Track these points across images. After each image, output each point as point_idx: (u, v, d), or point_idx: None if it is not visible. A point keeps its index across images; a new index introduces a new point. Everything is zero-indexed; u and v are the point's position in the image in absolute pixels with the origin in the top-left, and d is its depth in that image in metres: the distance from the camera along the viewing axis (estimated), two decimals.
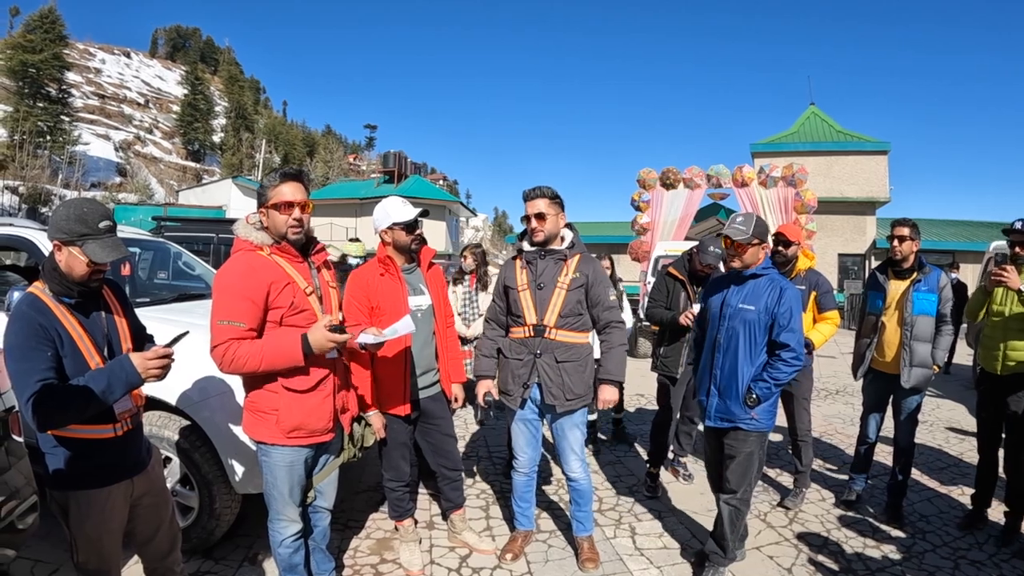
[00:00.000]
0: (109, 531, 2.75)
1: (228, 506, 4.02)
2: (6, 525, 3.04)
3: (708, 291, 4.14)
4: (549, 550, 4.39)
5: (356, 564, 4.19)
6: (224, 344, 2.81)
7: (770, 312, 3.70)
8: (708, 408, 3.94)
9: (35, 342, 2.46)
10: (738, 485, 3.89)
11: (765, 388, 3.72)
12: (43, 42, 52.89)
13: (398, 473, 4.13)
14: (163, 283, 6.48)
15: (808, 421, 5.26)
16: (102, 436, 2.66)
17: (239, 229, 3.06)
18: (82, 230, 2.55)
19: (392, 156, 47.82)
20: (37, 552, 4.02)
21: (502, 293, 4.12)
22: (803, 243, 5.35)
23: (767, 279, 3.80)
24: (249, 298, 2.85)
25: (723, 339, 3.85)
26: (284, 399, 2.99)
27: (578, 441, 4.09)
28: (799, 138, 28.61)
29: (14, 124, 50.15)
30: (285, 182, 2.98)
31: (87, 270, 2.59)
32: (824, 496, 5.39)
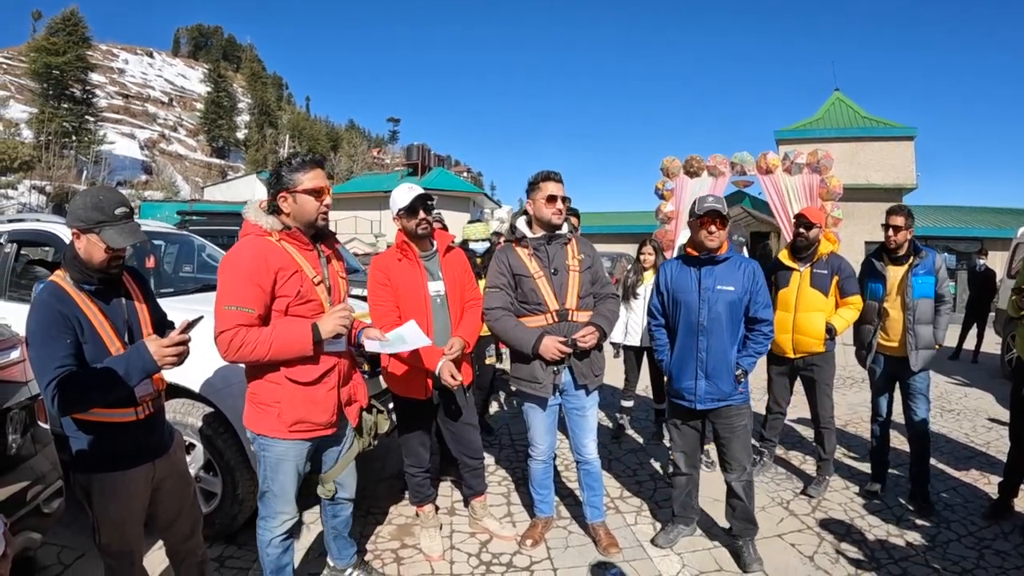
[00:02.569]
0: (131, 514, 2.78)
1: (251, 492, 4.04)
2: (32, 509, 3.10)
3: (669, 276, 4.14)
4: (569, 536, 4.40)
5: (377, 549, 4.23)
6: (231, 330, 2.77)
7: (747, 290, 3.87)
8: (695, 392, 3.96)
9: (55, 330, 2.49)
10: (745, 459, 4.07)
11: (751, 361, 3.97)
12: (66, 44, 53.68)
13: (418, 459, 4.15)
14: (188, 275, 6.56)
15: (831, 408, 5.20)
16: (124, 420, 2.69)
17: (249, 213, 3.03)
18: (99, 217, 2.58)
19: (416, 149, 47.96)
20: (64, 538, 4.09)
21: (510, 282, 4.00)
22: (825, 226, 5.29)
23: (734, 260, 3.95)
24: (257, 283, 2.82)
25: (706, 322, 3.88)
26: (287, 391, 2.96)
27: (595, 420, 4.15)
28: (824, 124, 28.19)
29: (39, 125, 50.90)
30: (313, 168, 2.97)
31: (105, 256, 2.62)
32: (848, 484, 5.33)
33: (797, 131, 27.97)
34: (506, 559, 4.11)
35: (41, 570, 3.88)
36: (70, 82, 55.21)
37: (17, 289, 5.33)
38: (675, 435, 4.27)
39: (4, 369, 3.25)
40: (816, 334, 4.95)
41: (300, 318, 2.93)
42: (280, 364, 2.92)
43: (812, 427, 5.41)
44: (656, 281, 4.25)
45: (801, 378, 5.25)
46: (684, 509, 4.31)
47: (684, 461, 4.26)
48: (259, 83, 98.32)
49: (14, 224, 5.79)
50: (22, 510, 3.08)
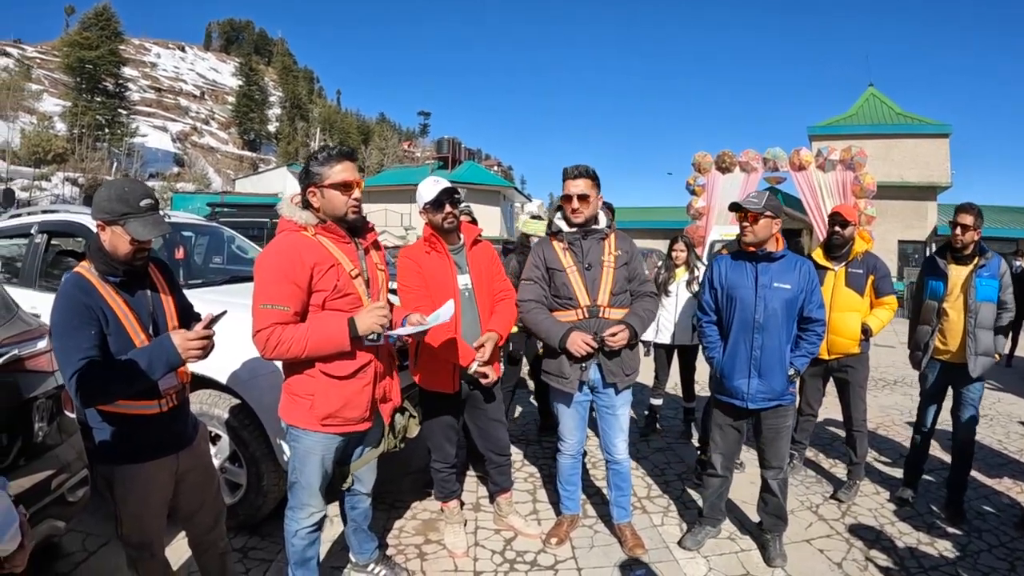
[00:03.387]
0: (153, 505, 2.78)
1: (275, 484, 4.06)
2: (57, 498, 3.11)
3: (723, 272, 4.05)
4: (595, 536, 4.36)
5: (400, 544, 4.21)
6: (268, 329, 2.76)
7: (803, 289, 3.81)
8: (747, 391, 3.89)
9: (78, 320, 2.47)
10: (784, 458, 4.04)
11: (803, 361, 3.94)
12: (99, 39, 54.52)
13: (444, 454, 4.12)
14: (217, 267, 6.59)
15: (864, 411, 5.10)
16: (147, 412, 2.69)
17: (283, 209, 3.02)
18: (123, 209, 2.56)
19: (446, 142, 48.04)
20: (88, 525, 4.11)
21: (544, 275, 4.00)
22: (860, 225, 5.20)
23: (789, 258, 3.89)
24: (293, 281, 2.80)
25: (763, 319, 3.81)
26: (321, 384, 2.94)
27: (627, 420, 4.08)
28: (858, 120, 27.95)
29: (73, 118, 51.72)
30: (340, 161, 2.93)
31: (130, 248, 2.60)
32: (879, 490, 5.23)
33: (830, 127, 27.75)
34: (530, 557, 4.07)
35: (65, 556, 3.90)
36: (103, 76, 56.00)
37: (47, 279, 5.37)
38: (716, 436, 4.18)
39: (32, 359, 3.26)
40: (851, 335, 4.85)
41: (338, 312, 2.90)
42: (318, 358, 2.90)
43: (842, 429, 5.32)
44: (708, 276, 4.16)
45: (834, 379, 5.15)
46: (712, 510, 4.26)
47: (721, 463, 4.18)
48: (290, 77, 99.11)
49: (45, 215, 5.84)
50: (47, 498, 3.08)
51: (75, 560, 3.89)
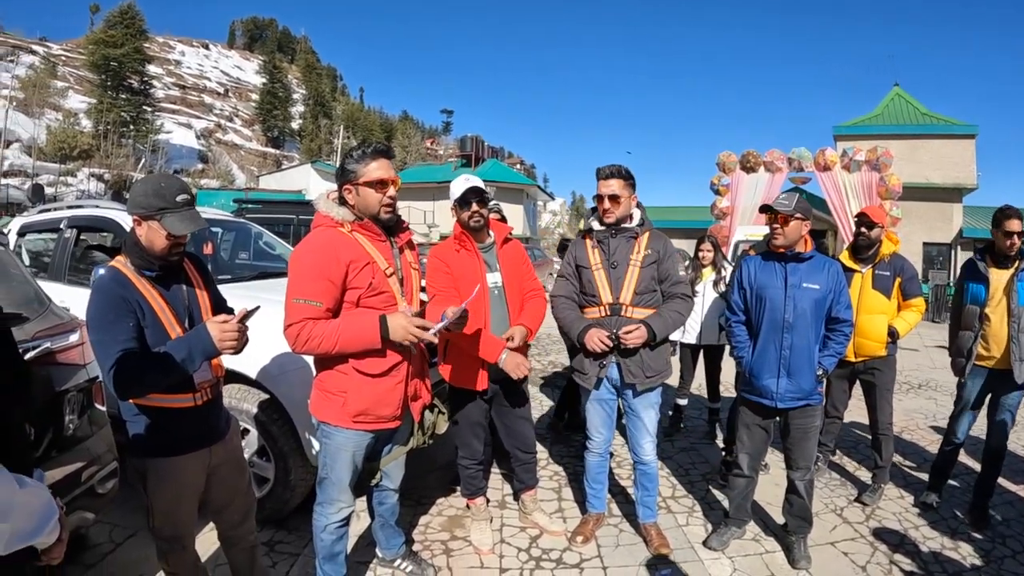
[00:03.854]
0: (185, 498, 2.81)
1: (303, 478, 4.10)
2: (87, 489, 3.15)
3: (752, 272, 4.03)
4: (620, 535, 4.35)
5: (427, 540, 4.22)
6: (299, 323, 2.77)
7: (831, 290, 3.81)
8: (776, 390, 3.88)
9: (115, 314, 2.50)
10: (811, 460, 4.03)
11: (831, 361, 3.94)
12: (124, 37, 54.97)
13: (471, 451, 4.13)
14: (244, 262, 6.64)
15: (890, 414, 5.06)
16: (182, 406, 2.70)
17: (320, 204, 3.01)
18: (160, 204, 2.58)
19: (469, 140, 48.25)
20: (115, 517, 4.17)
21: (574, 272, 4.05)
22: (887, 226, 5.15)
23: (818, 259, 3.89)
24: (326, 277, 2.80)
25: (792, 318, 3.80)
26: (354, 381, 2.95)
27: (652, 422, 4.04)
28: (883, 121, 27.60)
29: (98, 115, 52.15)
30: (376, 159, 2.92)
31: (167, 243, 2.62)
32: (903, 494, 5.18)
33: (856, 127, 27.45)
34: (556, 555, 4.07)
35: (92, 547, 3.95)
36: (128, 73, 56.37)
37: (76, 273, 5.45)
38: (744, 435, 4.17)
39: (63, 352, 3.29)
40: (878, 337, 4.81)
41: (370, 310, 2.90)
42: (349, 355, 2.90)
43: (867, 432, 5.29)
44: (738, 277, 4.15)
45: (861, 382, 5.12)
46: (738, 511, 4.25)
47: (748, 463, 4.17)
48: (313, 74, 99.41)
49: (74, 210, 5.90)
50: (77, 490, 3.12)
51: (102, 551, 3.93)
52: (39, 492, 1.53)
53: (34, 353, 3.12)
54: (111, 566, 3.80)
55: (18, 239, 6.13)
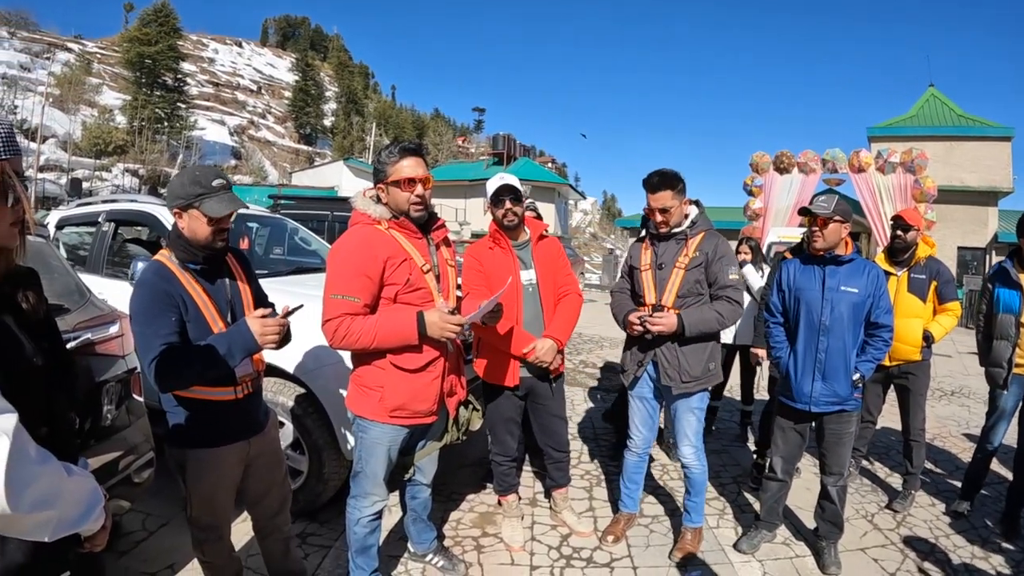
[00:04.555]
0: (223, 489, 2.84)
1: (336, 472, 4.13)
2: (123, 478, 3.19)
3: (791, 274, 4.00)
4: (651, 535, 4.34)
5: (458, 536, 4.24)
6: (337, 319, 2.80)
7: (871, 294, 3.75)
8: (811, 394, 3.84)
9: (158, 308, 2.53)
10: (845, 465, 3.98)
11: (869, 367, 3.85)
12: (158, 35, 55.72)
13: (504, 448, 4.13)
14: (279, 257, 6.69)
15: (923, 420, 5.01)
16: (223, 398, 2.74)
17: (357, 202, 3.04)
18: (197, 190, 2.62)
19: (501, 138, 48.25)
20: (149, 506, 4.23)
21: (627, 273, 4.09)
22: (923, 229, 5.10)
23: (858, 262, 3.83)
24: (364, 273, 2.84)
25: (829, 321, 3.76)
26: (391, 377, 2.97)
27: (692, 427, 3.97)
28: (917, 122, 27.15)
29: (133, 112, 52.85)
30: (405, 157, 2.93)
31: (210, 229, 2.65)
32: (934, 501, 5.13)
33: (890, 128, 27.04)
34: (586, 554, 4.07)
35: (126, 535, 4.01)
36: (162, 71, 57.11)
37: (113, 266, 5.52)
38: (779, 438, 4.13)
39: (103, 343, 3.34)
40: (913, 341, 4.77)
41: (408, 306, 2.93)
42: (387, 350, 2.93)
43: (899, 437, 5.23)
44: (777, 278, 4.11)
45: (895, 387, 5.07)
46: (770, 514, 4.21)
47: (782, 467, 4.13)
48: (346, 72, 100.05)
49: (111, 204, 5.97)
50: (114, 479, 3.17)
51: (135, 539, 4.00)
52: (85, 480, 1.55)
53: (75, 344, 3.17)
54: (144, 553, 3.85)
55: (56, 232, 6.21)
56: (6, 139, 1.44)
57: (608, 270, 34.42)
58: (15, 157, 1.47)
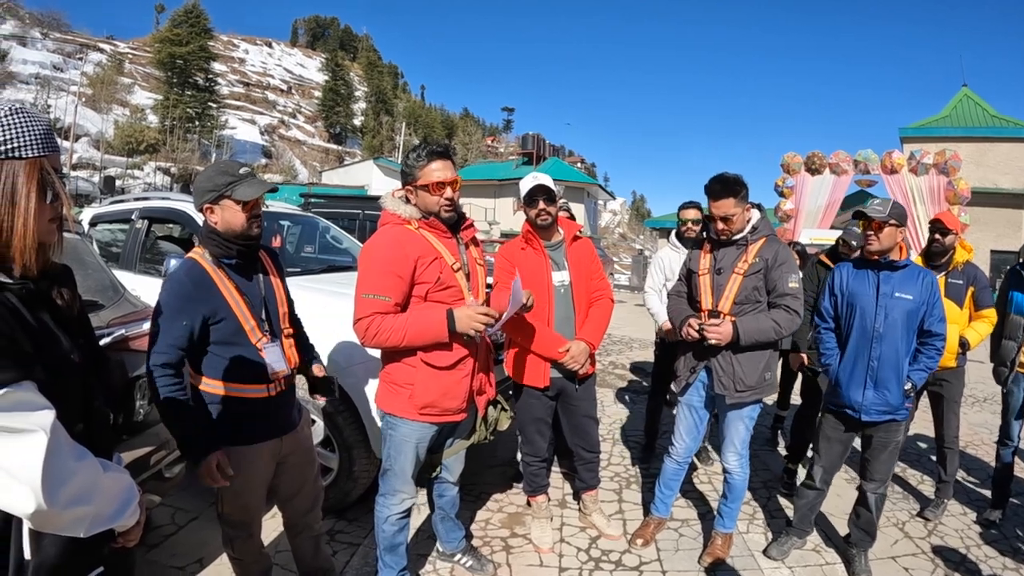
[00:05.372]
0: (254, 487, 2.86)
1: (366, 470, 4.14)
2: (154, 473, 3.21)
3: (844, 279, 3.91)
4: (680, 539, 4.31)
5: (487, 536, 4.23)
6: (368, 318, 2.82)
7: (925, 302, 3.65)
8: (861, 402, 3.75)
9: (177, 311, 2.56)
10: (887, 474, 3.90)
11: (921, 376, 3.75)
12: (189, 35, 56.64)
13: (534, 448, 4.12)
14: (309, 256, 6.72)
15: (957, 427, 4.93)
16: (255, 396, 2.75)
17: (387, 202, 3.06)
18: (227, 179, 2.64)
19: (530, 138, 48.49)
20: (179, 500, 4.27)
21: (685, 276, 4.04)
22: (960, 233, 5.02)
23: (912, 268, 3.73)
24: (395, 272, 2.85)
25: (882, 328, 3.67)
26: (421, 374, 2.98)
27: (740, 435, 3.91)
28: (950, 123, 26.66)
29: (164, 111, 53.66)
30: (433, 160, 2.93)
31: (244, 216, 2.67)
32: (965, 510, 5.04)
33: (922, 129, 26.59)
34: (615, 557, 4.05)
35: (155, 528, 4.04)
36: (193, 71, 57.98)
37: (146, 263, 5.58)
38: (822, 446, 4.05)
39: (136, 339, 3.36)
40: (949, 348, 4.64)
41: (438, 304, 2.94)
42: (417, 348, 2.94)
43: (930, 444, 5.15)
44: (830, 283, 4.03)
45: (928, 393, 4.99)
46: (802, 521, 4.16)
47: (821, 476, 4.06)
48: (375, 72, 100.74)
49: (145, 202, 6.03)
50: (145, 474, 3.17)
51: (164, 532, 4.03)
52: (121, 477, 1.56)
53: (109, 340, 3.21)
54: (173, 547, 3.89)
55: (88, 229, 6.27)
56: (44, 136, 1.46)
57: (637, 271, 34.32)
58: (53, 154, 1.49)
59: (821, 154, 15.47)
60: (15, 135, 1.41)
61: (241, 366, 2.69)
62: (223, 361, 2.68)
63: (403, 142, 62.37)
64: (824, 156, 15.45)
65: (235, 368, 2.69)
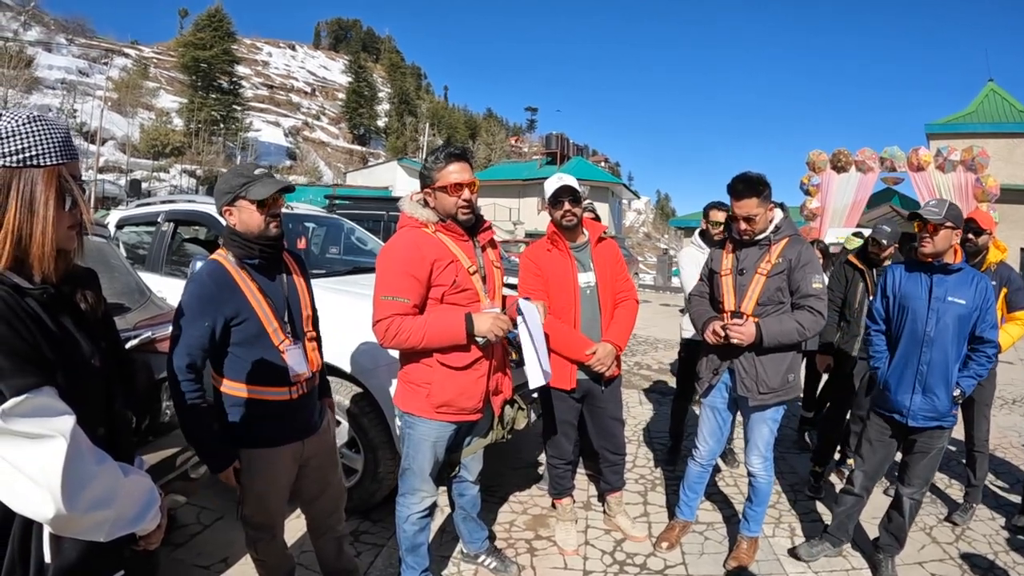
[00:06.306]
0: (277, 489, 2.88)
1: (391, 471, 4.13)
2: (180, 474, 3.24)
3: (896, 281, 3.82)
4: (705, 543, 4.27)
5: (511, 538, 4.22)
6: (387, 319, 2.84)
7: (978, 307, 3.56)
8: (909, 407, 3.69)
9: (199, 312, 2.58)
10: (927, 480, 3.82)
11: (970, 383, 3.66)
12: (212, 39, 57.43)
13: (560, 451, 4.11)
14: (334, 257, 6.75)
15: (987, 430, 4.83)
16: (277, 399, 2.77)
17: (404, 206, 3.09)
18: (242, 181, 2.67)
19: (554, 138, 48.67)
20: (204, 500, 4.30)
21: (707, 276, 4.00)
22: (994, 232, 4.93)
23: (967, 272, 3.63)
24: (412, 274, 2.87)
25: (933, 333, 3.60)
26: (438, 374, 3.00)
27: (764, 438, 3.85)
28: (977, 118, 26.20)
29: (189, 114, 54.36)
30: (451, 163, 2.95)
31: (261, 216, 2.69)
32: (994, 515, 4.93)
33: (949, 125, 26.17)
34: (640, 560, 4.02)
35: (180, 527, 4.08)
36: (217, 74, 58.72)
37: (172, 265, 5.62)
38: (866, 451, 3.98)
39: (163, 341, 3.37)
40: None
41: (455, 306, 2.96)
42: (434, 350, 2.96)
43: (959, 447, 5.07)
44: (882, 284, 3.96)
45: None
46: (838, 529, 4.09)
47: (862, 482, 3.99)
48: (398, 73, 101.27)
49: (171, 204, 6.08)
50: (171, 474, 3.22)
51: (190, 532, 4.07)
52: (142, 480, 1.56)
53: (136, 342, 3.26)
54: (199, 547, 3.92)
55: (116, 231, 6.33)
56: (63, 144, 1.47)
57: (662, 270, 34.22)
58: (72, 161, 1.49)
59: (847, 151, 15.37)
60: (33, 143, 1.42)
61: (263, 368, 2.70)
62: (245, 363, 2.69)
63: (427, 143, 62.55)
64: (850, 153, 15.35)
65: (257, 370, 2.70)
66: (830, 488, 5.18)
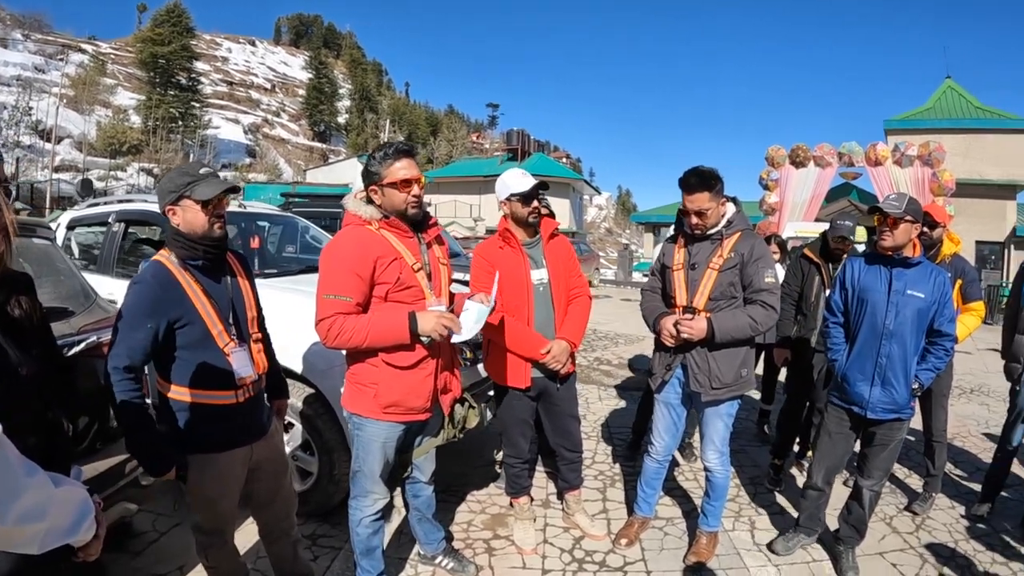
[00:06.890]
0: (226, 494, 2.84)
1: (347, 473, 4.06)
2: (131, 481, 3.20)
3: (856, 274, 3.84)
4: (665, 538, 4.28)
5: (469, 538, 4.20)
6: (330, 318, 2.82)
7: (936, 301, 3.61)
8: (867, 399, 3.72)
9: (141, 316, 2.53)
10: (886, 471, 3.87)
11: (928, 376, 3.72)
12: (171, 35, 56.75)
13: (517, 450, 4.08)
14: (291, 256, 6.69)
15: (944, 420, 4.91)
16: (223, 402, 2.72)
17: (349, 203, 3.08)
18: (186, 180, 2.63)
19: (515, 134, 48.70)
20: (160, 507, 4.22)
21: (659, 271, 3.97)
22: (948, 225, 5.00)
23: (925, 266, 3.68)
24: (356, 272, 2.85)
25: (892, 326, 3.63)
26: (384, 374, 2.98)
27: (719, 433, 3.85)
28: (935, 114, 26.87)
29: (147, 111, 53.72)
30: (399, 159, 2.94)
31: (205, 217, 2.64)
32: (954, 504, 5.01)
33: (907, 121, 26.81)
34: (599, 557, 4.02)
35: (137, 535, 4.02)
36: (176, 70, 58.04)
37: (124, 266, 5.52)
38: (825, 444, 4.00)
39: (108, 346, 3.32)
40: None
41: (400, 304, 2.94)
42: (379, 349, 2.94)
43: (918, 437, 5.13)
44: (841, 277, 3.97)
45: None
46: (810, 520, 4.12)
47: (823, 476, 4.02)
48: (359, 69, 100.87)
49: (122, 204, 5.98)
50: (121, 481, 3.17)
51: (147, 539, 4.00)
52: (75, 491, 1.52)
53: (81, 347, 3.18)
54: (155, 554, 3.85)
55: (68, 232, 6.22)
56: None
57: (623, 265, 34.44)
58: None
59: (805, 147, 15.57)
60: None
61: (208, 372, 2.66)
62: (190, 367, 2.64)
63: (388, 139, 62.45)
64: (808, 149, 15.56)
65: (202, 374, 2.65)
66: (790, 481, 5.23)
